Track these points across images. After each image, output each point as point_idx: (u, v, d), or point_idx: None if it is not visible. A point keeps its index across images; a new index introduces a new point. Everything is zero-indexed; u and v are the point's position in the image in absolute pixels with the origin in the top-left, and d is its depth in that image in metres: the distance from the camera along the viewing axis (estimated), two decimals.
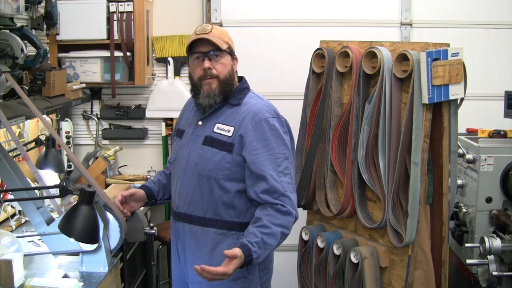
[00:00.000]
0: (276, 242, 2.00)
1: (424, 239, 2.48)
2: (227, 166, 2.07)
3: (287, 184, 2.06)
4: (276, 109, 2.17)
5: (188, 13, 3.58)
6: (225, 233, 2.11)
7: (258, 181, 2.04)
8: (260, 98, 2.18)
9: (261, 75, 3.58)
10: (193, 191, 2.12)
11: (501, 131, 2.98)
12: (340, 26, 3.52)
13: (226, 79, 2.10)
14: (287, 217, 2.02)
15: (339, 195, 2.76)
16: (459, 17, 3.52)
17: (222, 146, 2.07)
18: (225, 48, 2.09)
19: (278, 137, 2.08)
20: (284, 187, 2.04)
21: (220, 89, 2.09)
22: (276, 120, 2.10)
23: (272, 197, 2.02)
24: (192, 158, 2.13)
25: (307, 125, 2.83)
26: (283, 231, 2.01)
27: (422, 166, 2.38)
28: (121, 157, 3.72)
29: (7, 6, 2.31)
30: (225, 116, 2.11)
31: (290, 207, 2.03)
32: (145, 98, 3.64)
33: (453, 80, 2.39)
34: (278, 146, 2.07)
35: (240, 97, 2.14)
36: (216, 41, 2.07)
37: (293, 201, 2.07)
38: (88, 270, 2.26)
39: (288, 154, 2.10)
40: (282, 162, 2.06)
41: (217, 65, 2.08)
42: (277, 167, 2.05)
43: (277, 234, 1.99)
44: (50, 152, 2.84)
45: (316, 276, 2.74)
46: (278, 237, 2.00)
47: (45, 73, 2.70)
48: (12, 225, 2.73)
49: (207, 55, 2.07)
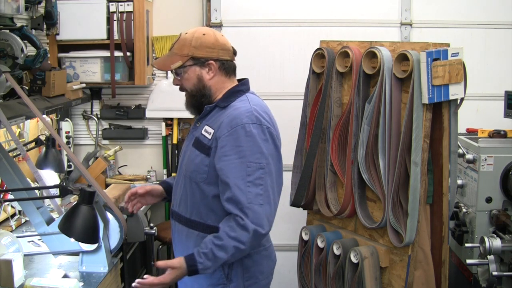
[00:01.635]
0: (227, 255, 1.91)
1: (424, 239, 2.48)
2: (205, 169, 2.02)
3: (254, 196, 1.92)
4: (262, 114, 2.03)
5: (188, 13, 3.58)
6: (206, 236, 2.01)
7: (223, 188, 1.96)
8: (249, 101, 2.06)
9: (261, 75, 3.58)
10: (182, 190, 2.12)
11: (501, 131, 2.98)
12: (340, 26, 3.52)
13: (193, 93, 2.09)
14: (243, 232, 1.90)
15: (339, 195, 2.76)
16: (459, 17, 3.52)
17: (202, 148, 2.04)
18: (178, 66, 2.05)
19: (254, 145, 1.95)
20: (249, 198, 1.91)
21: (190, 103, 2.12)
22: (255, 126, 1.97)
23: (234, 207, 1.92)
24: (184, 158, 2.14)
25: (307, 125, 2.83)
26: (237, 245, 1.90)
27: (422, 166, 2.38)
28: (121, 157, 3.72)
29: (7, 6, 2.31)
30: (213, 118, 2.07)
31: (249, 221, 1.90)
32: (145, 98, 3.64)
33: (453, 80, 2.39)
34: (252, 154, 1.94)
35: (230, 99, 2.07)
36: (162, 65, 2.10)
37: (259, 214, 1.92)
38: (88, 270, 2.26)
39: (264, 163, 1.95)
40: (254, 172, 1.93)
41: (182, 81, 2.09)
42: (246, 176, 1.93)
43: (229, 247, 1.90)
44: (50, 152, 2.84)
45: (316, 276, 2.74)
46: (230, 251, 1.91)
47: (45, 73, 2.70)
48: (12, 225, 2.73)
49: (173, 73, 2.10)
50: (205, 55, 2.05)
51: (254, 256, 2.10)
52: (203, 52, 2.05)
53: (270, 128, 2.02)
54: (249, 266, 2.09)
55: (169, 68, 2.07)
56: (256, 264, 2.10)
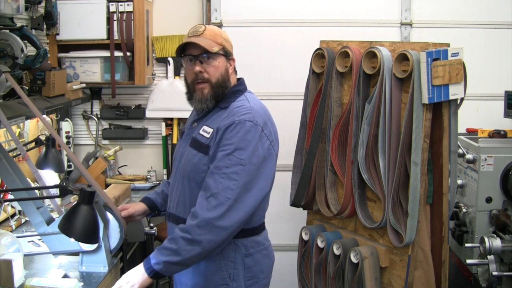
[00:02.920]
0: (176, 246, 1.89)
1: (424, 239, 2.48)
2: (204, 168, 2.00)
3: (224, 188, 1.90)
4: (261, 113, 2.03)
5: (188, 13, 3.58)
6: None
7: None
8: (249, 101, 2.07)
9: (261, 75, 3.58)
10: (179, 192, 2.11)
11: (501, 131, 2.98)
12: (340, 26, 3.52)
13: (219, 83, 2.05)
14: (191, 221, 1.90)
15: (339, 195, 2.76)
16: (459, 17, 3.52)
17: (200, 147, 2.03)
18: (217, 50, 2.03)
19: (241, 141, 1.94)
20: (218, 188, 1.90)
21: (212, 94, 2.05)
22: (250, 124, 1.97)
23: (202, 193, 1.94)
24: (181, 159, 2.12)
25: (307, 125, 2.83)
26: (183, 235, 1.89)
27: (422, 166, 2.38)
28: (121, 157, 3.72)
29: (7, 6, 2.31)
30: (213, 119, 2.06)
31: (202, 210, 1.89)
32: (145, 98, 3.64)
33: (453, 80, 2.39)
34: (237, 149, 1.93)
35: (230, 100, 2.07)
36: (206, 44, 2.01)
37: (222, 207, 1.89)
38: (88, 270, 2.26)
39: (245, 161, 1.92)
40: (232, 166, 1.92)
41: (209, 68, 2.03)
42: (224, 167, 1.92)
43: (177, 238, 1.90)
44: (50, 152, 2.84)
45: (316, 276, 2.74)
46: (178, 241, 1.89)
47: (45, 73, 2.70)
48: (12, 225, 2.73)
49: (198, 58, 2.03)
50: (231, 50, 2.11)
51: (255, 255, 2.10)
52: (229, 46, 2.11)
53: (264, 131, 2.00)
54: (251, 265, 2.09)
55: (212, 49, 2.01)
56: (257, 263, 2.10)
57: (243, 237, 2.06)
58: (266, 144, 2.00)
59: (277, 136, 2.11)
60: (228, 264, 2.04)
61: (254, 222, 2.08)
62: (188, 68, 2.07)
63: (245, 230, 2.04)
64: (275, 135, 2.09)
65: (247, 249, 2.07)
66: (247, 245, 2.08)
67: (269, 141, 2.02)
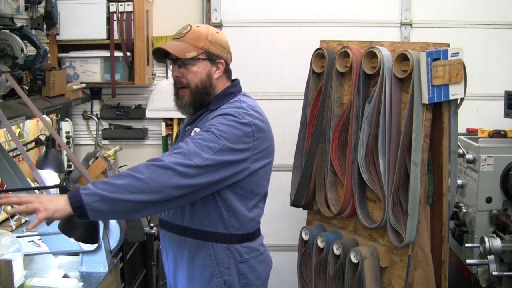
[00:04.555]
0: (120, 181, 1.69)
1: (424, 239, 2.48)
2: None
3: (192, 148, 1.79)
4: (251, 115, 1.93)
5: (188, 13, 3.57)
6: (201, 243, 1.99)
7: None
8: (240, 103, 1.98)
9: (261, 75, 3.57)
10: None
11: (501, 131, 2.98)
12: (340, 26, 3.51)
13: (198, 89, 1.97)
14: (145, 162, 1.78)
15: (339, 195, 2.76)
16: (459, 17, 3.52)
17: None
18: (194, 56, 1.95)
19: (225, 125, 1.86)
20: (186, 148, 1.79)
21: (191, 101, 1.98)
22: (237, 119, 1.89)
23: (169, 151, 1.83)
24: None
25: (307, 125, 2.83)
26: (130, 173, 1.72)
27: (422, 166, 2.38)
28: (121, 157, 3.72)
29: (7, 6, 2.31)
30: (204, 121, 1.99)
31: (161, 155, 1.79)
32: (145, 98, 3.64)
33: (453, 80, 2.39)
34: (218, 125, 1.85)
35: (221, 102, 2.00)
36: (178, 49, 1.93)
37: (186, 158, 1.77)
38: (88, 270, 2.26)
39: (223, 142, 1.82)
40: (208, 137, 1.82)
41: (187, 74, 1.96)
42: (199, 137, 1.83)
43: (123, 173, 1.73)
44: (50, 152, 2.84)
45: (316, 276, 2.74)
46: (123, 177, 1.70)
47: (45, 73, 2.70)
48: (12, 225, 2.73)
49: (177, 63, 1.97)
50: (218, 53, 2.01)
51: (250, 261, 2.05)
52: (217, 49, 2.00)
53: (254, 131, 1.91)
54: (246, 272, 2.03)
55: (184, 56, 1.94)
56: (252, 270, 2.05)
57: (237, 243, 2.01)
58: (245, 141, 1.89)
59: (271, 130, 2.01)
60: (223, 270, 2.00)
61: (249, 228, 2.04)
62: (172, 71, 2.03)
63: (238, 236, 2.00)
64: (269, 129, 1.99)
65: (241, 255, 2.02)
66: (241, 251, 2.02)
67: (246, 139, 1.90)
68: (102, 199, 1.66)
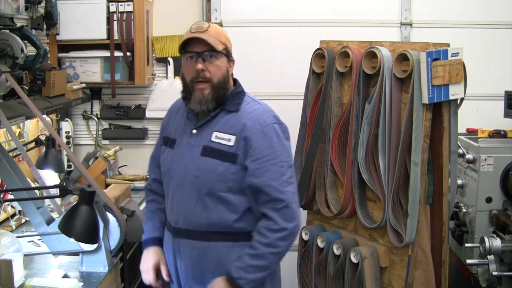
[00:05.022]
0: (266, 262, 1.91)
1: (424, 239, 2.48)
2: (231, 177, 1.94)
3: (291, 195, 1.93)
4: (276, 114, 2.04)
5: (188, 13, 3.57)
6: (232, 245, 1.99)
7: (259, 192, 1.92)
8: (258, 102, 2.05)
9: (261, 75, 3.58)
10: (194, 205, 1.98)
11: (501, 131, 2.98)
12: (340, 26, 3.51)
13: (220, 83, 1.95)
14: (275, 234, 1.89)
15: (339, 195, 2.76)
16: (459, 17, 3.52)
17: (224, 156, 1.94)
18: (221, 49, 1.95)
19: (281, 144, 1.96)
20: (288, 198, 1.92)
21: (213, 95, 1.95)
22: (278, 126, 1.98)
23: (272, 209, 1.91)
24: (190, 170, 1.98)
25: (307, 125, 2.83)
26: (271, 250, 1.90)
27: (422, 166, 2.38)
28: (121, 157, 3.72)
29: (7, 6, 2.31)
30: (222, 124, 1.97)
31: (284, 222, 1.90)
32: (145, 98, 3.64)
33: (453, 80, 2.39)
34: (282, 153, 1.95)
35: (237, 103, 2.00)
36: (211, 41, 1.92)
37: (296, 212, 1.94)
38: (88, 270, 2.26)
39: (291, 162, 1.99)
40: (286, 171, 1.94)
41: (211, 67, 1.93)
42: (281, 176, 1.92)
43: (265, 254, 1.90)
44: (50, 152, 2.84)
45: (316, 276, 2.74)
46: (267, 258, 1.91)
47: (45, 73, 2.70)
48: (12, 225, 2.73)
49: (201, 56, 1.92)
50: (231, 51, 2.04)
51: None
52: (230, 47, 2.03)
53: (287, 127, 2.04)
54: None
55: (217, 47, 1.93)
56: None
57: None
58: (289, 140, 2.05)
59: None
60: None
61: None
62: (188, 66, 1.96)
63: None
64: None
65: None
66: None
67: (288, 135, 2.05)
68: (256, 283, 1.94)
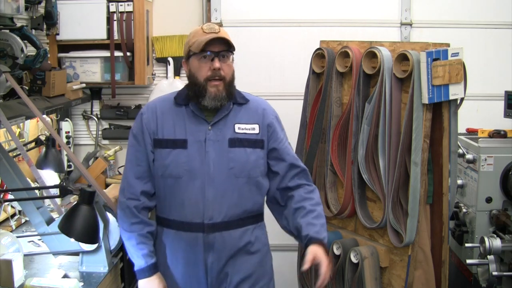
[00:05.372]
0: (324, 218, 2.16)
1: (424, 239, 2.48)
2: (262, 162, 2.12)
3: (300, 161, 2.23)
4: None
5: (188, 13, 3.57)
6: (258, 226, 2.19)
7: (291, 168, 2.15)
8: (249, 94, 2.23)
9: (261, 75, 3.58)
10: (231, 195, 2.06)
11: (501, 131, 2.98)
12: (340, 26, 3.51)
13: (231, 81, 2.07)
14: (314, 194, 2.17)
15: (339, 195, 2.76)
16: (459, 17, 3.52)
17: (254, 144, 2.10)
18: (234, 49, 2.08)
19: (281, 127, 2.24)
20: (299, 161, 2.19)
21: (226, 92, 2.04)
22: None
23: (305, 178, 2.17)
24: (221, 164, 2.05)
25: (307, 125, 2.83)
26: (320, 207, 2.16)
27: (422, 166, 2.38)
28: (121, 157, 3.71)
29: (7, 6, 2.31)
30: (240, 116, 2.11)
31: (311, 183, 2.19)
32: (145, 98, 3.64)
33: (453, 80, 2.39)
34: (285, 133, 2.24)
35: (241, 96, 2.15)
36: (229, 41, 2.05)
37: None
38: (88, 270, 2.26)
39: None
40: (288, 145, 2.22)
41: (224, 66, 2.03)
42: (292, 151, 2.21)
43: (321, 212, 2.14)
44: (50, 152, 2.84)
45: (316, 276, 2.73)
46: (322, 214, 2.15)
47: (45, 73, 2.70)
48: (12, 225, 2.73)
49: (218, 55, 2.02)
50: None
51: None
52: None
53: None
54: None
55: (234, 47, 2.07)
56: None
57: None
58: None
59: None
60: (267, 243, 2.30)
61: None
62: (202, 65, 2.02)
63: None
64: None
65: None
66: None
67: None
68: None
